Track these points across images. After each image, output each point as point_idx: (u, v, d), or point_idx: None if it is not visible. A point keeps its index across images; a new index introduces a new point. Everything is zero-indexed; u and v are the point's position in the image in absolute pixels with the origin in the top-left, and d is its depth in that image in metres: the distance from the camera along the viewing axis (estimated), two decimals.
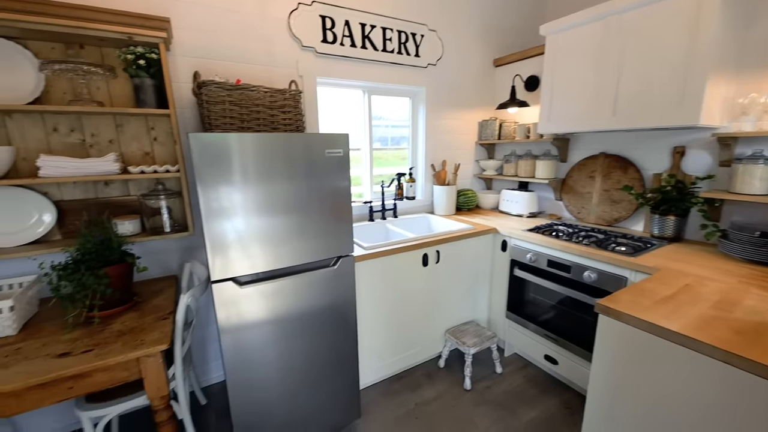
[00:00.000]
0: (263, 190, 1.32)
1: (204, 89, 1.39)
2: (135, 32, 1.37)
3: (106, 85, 1.56)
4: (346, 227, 1.54)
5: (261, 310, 1.40)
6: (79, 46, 1.48)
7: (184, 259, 1.90)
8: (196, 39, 1.71)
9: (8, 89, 1.39)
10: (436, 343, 2.23)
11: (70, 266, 1.33)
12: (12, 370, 1.10)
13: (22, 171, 1.47)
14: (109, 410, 1.37)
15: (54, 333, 1.30)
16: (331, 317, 1.58)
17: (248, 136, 1.26)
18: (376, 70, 2.26)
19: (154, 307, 1.50)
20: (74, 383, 1.15)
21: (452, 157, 2.78)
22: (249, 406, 1.45)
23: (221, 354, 2.01)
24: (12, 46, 1.38)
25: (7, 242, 1.47)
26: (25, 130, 1.47)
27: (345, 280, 1.59)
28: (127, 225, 1.61)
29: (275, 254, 1.39)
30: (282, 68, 1.94)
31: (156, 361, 1.26)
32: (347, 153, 1.46)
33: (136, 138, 1.66)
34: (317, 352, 1.58)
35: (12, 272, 1.54)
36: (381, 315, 1.93)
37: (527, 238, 2.05)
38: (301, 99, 1.62)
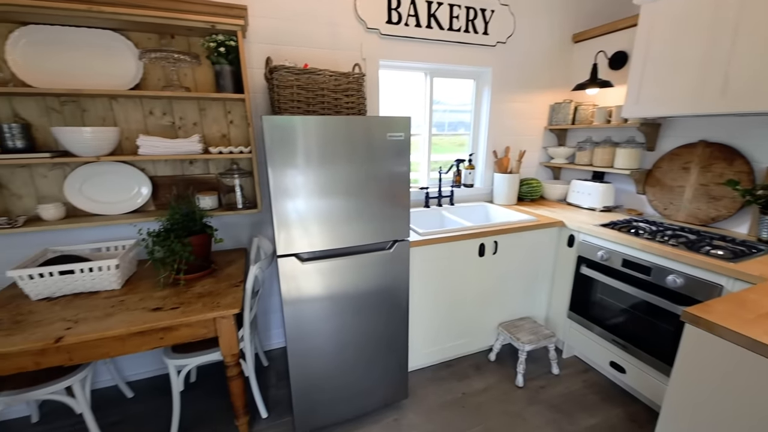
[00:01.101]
0: (326, 172, 1.36)
1: (275, 74, 1.46)
2: (217, 21, 1.48)
3: (192, 72, 1.72)
4: (403, 212, 1.54)
5: (319, 286, 1.48)
6: (171, 36, 1.65)
7: (252, 233, 2.07)
8: (268, 26, 1.79)
9: (115, 76, 1.59)
10: (487, 336, 2.17)
11: (162, 234, 1.53)
12: (117, 318, 1.30)
13: (125, 149, 1.70)
14: (190, 361, 1.57)
15: (149, 290, 1.52)
16: (384, 299, 1.62)
17: (315, 119, 1.30)
18: (440, 51, 2.18)
19: (228, 275, 1.67)
20: (164, 334, 1.34)
21: (517, 144, 2.61)
22: (306, 372, 1.56)
23: (283, 323, 2.18)
24: (118, 38, 1.58)
25: (113, 210, 1.72)
26: (128, 113, 1.69)
27: (399, 264, 1.60)
28: (207, 200, 1.79)
29: (334, 234, 1.45)
30: (346, 51, 1.96)
31: (229, 322, 1.41)
32: (408, 137, 1.44)
33: (216, 121, 1.82)
34: (369, 330, 1.63)
35: (116, 236, 1.81)
36: (432, 302, 1.92)
37: (600, 234, 1.86)
38: (363, 82, 1.62)
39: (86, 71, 1.55)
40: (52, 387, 1.39)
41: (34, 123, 1.57)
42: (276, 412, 1.81)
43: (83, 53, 1.54)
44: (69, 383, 1.43)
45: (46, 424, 1.74)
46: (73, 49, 1.52)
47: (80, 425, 1.62)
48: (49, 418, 1.77)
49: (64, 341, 1.18)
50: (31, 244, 1.69)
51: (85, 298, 1.45)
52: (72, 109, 1.61)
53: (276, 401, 1.88)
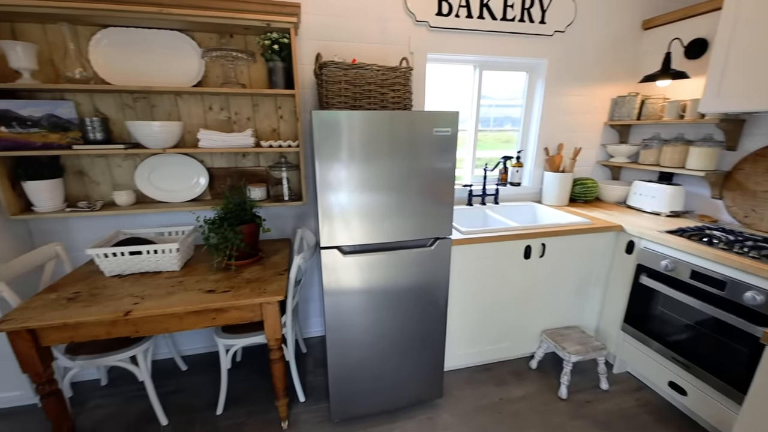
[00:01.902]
0: (370, 167, 1.37)
1: (324, 69, 1.48)
2: (272, 19, 1.53)
3: (248, 69, 1.80)
4: (446, 210, 1.51)
5: (359, 279, 1.50)
6: (230, 36, 1.74)
7: (296, 225, 2.15)
8: (319, 22, 1.83)
9: (180, 74, 1.72)
10: (528, 342, 2.08)
11: (216, 221, 1.63)
12: (176, 297, 1.42)
13: (187, 142, 1.83)
14: (237, 341, 1.67)
15: (204, 273, 1.63)
16: (422, 296, 1.60)
17: (361, 114, 1.31)
18: (491, 42, 2.09)
19: (273, 263, 1.75)
20: (216, 315, 1.43)
21: (571, 140, 2.44)
22: (343, 362, 1.60)
23: (323, 312, 2.24)
24: (184, 38, 1.69)
25: (175, 198, 1.87)
26: (190, 108, 1.82)
27: (440, 262, 1.57)
28: (257, 191, 1.88)
29: (376, 229, 1.45)
30: (394, 45, 1.94)
31: (274, 308, 1.47)
32: (455, 132, 1.40)
33: (267, 116, 1.90)
34: (406, 325, 1.63)
35: (177, 222, 1.97)
36: (472, 302, 1.87)
37: (665, 241, 1.69)
38: (410, 77, 1.60)
39: (156, 70, 1.69)
40: (119, 355, 1.56)
41: (111, 117, 1.74)
42: (313, 397, 1.88)
43: (154, 53, 1.67)
44: (134, 353, 1.59)
45: (113, 388, 1.95)
46: (146, 50, 1.66)
47: (141, 392, 1.80)
48: (116, 383, 1.99)
49: (131, 315, 1.30)
50: (106, 226, 1.89)
51: (150, 277, 1.59)
52: (143, 105, 1.76)
53: (313, 387, 1.95)
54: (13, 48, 1.46)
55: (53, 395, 1.41)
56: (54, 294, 1.44)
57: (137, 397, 1.87)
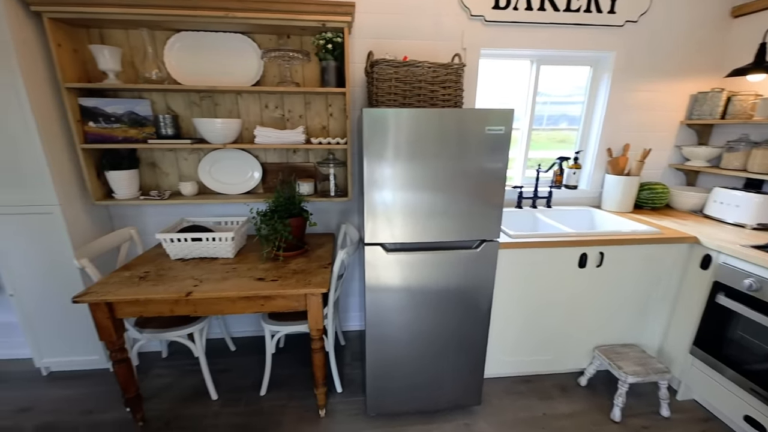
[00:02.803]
0: (418, 165, 1.35)
1: (375, 67, 1.49)
2: (328, 19, 1.57)
3: (302, 69, 1.87)
4: (494, 212, 1.45)
5: (402, 277, 1.49)
6: (287, 36, 1.81)
7: (340, 220, 2.20)
8: (372, 20, 1.84)
9: (241, 74, 1.82)
10: (578, 357, 1.94)
11: (268, 214, 1.72)
12: (230, 282, 1.51)
13: (244, 138, 1.95)
14: (282, 328, 1.75)
15: (254, 262, 1.73)
16: (465, 298, 1.56)
17: (411, 111, 1.30)
18: (552, 35, 1.96)
19: (318, 256, 1.80)
20: (265, 302, 1.51)
21: (640, 141, 2.22)
22: (381, 358, 1.61)
23: (362, 307, 2.28)
24: (245, 40, 1.80)
25: (231, 190, 2.00)
26: (248, 106, 1.93)
27: (486, 266, 1.52)
28: (305, 186, 1.95)
29: (421, 228, 1.44)
30: (447, 42, 1.90)
31: (317, 299, 1.52)
32: (509, 131, 1.34)
33: (318, 114, 1.96)
34: (447, 327, 1.59)
35: (232, 212, 2.10)
36: (518, 310, 1.79)
37: (751, 257, 1.48)
38: (462, 73, 1.55)
39: (220, 70, 1.81)
40: (179, 331, 1.70)
41: (180, 114, 1.90)
42: (350, 389, 1.92)
43: (219, 55, 1.79)
44: (191, 331, 1.73)
45: (172, 360, 2.15)
46: (212, 52, 1.79)
47: (196, 367, 1.96)
48: (175, 356, 2.18)
49: (192, 296, 1.42)
50: (172, 213, 2.07)
51: (207, 262, 1.72)
52: (208, 103, 1.90)
53: (350, 380, 1.99)
54: (101, 52, 1.64)
55: (123, 362, 1.58)
56: (128, 272, 1.61)
57: (192, 371, 2.03)
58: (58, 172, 1.71)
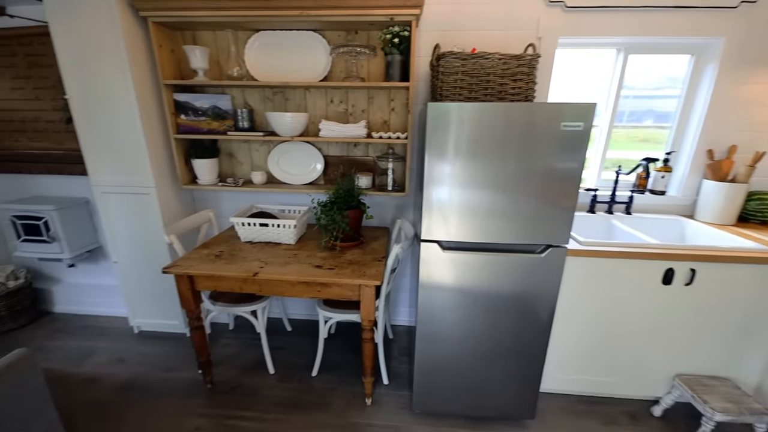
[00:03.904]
0: (486, 162, 1.30)
1: (442, 61, 1.45)
2: (396, 12, 1.57)
3: (367, 63, 1.90)
4: (564, 215, 1.33)
5: (457, 277, 1.46)
6: (355, 32, 1.85)
7: (396, 215, 2.21)
8: (440, 12, 1.79)
9: (310, 70, 1.91)
10: (652, 384, 1.72)
11: (327, 205, 1.79)
12: (291, 267, 1.61)
13: (310, 131, 2.04)
14: (335, 315, 1.82)
15: (313, 250, 1.81)
16: (524, 305, 1.47)
17: (483, 106, 1.24)
18: (644, 20, 1.73)
19: (373, 249, 1.83)
20: (321, 288, 1.58)
21: (751, 142, 1.87)
22: (430, 356, 1.59)
23: (412, 303, 2.28)
24: (316, 36, 1.87)
25: (295, 181, 2.11)
26: (315, 101, 2.02)
27: (551, 272, 1.41)
28: (364, 180, 1.99)
29: (480, 228, 1.38)
30: (519, 31, 1.78)
31: (371, 291, 1.55)
32: (589, 128, 1.22)
33: (380, 108, 1.97)
34: (502, 333, 1.52)
35: (295, 201, 2.23)
36: (584, 324, 1.64)
37: None
38: (536, 65, 1.45)
39: (291, 67, 1.91)
40: (245, 307, 1.86)
41: (255, 108, 2.05)
42: (396, 383, 1.93)
43: (291, 52, 1.89)
44: (255, 308, 1.88)
45: (237, 333, 2.36)
46: (285, 50, 1.89)
47: (257, 341, 2.12)
48: (239, 329, 2.39)
49: (258, 276, 1.54)
50: (244, 200, 2.26)
51: (272, 247, 1.85)
52: (279, 98, 2.03)
53: (396, 373, 2.00)
54: (193, 52, 1.83)
55: (199, 329, 1.77)
56: (206, 250, 1.80)
57: (253, 345, 2.21)
58: (155, 158, 1.96)
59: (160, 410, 1.74)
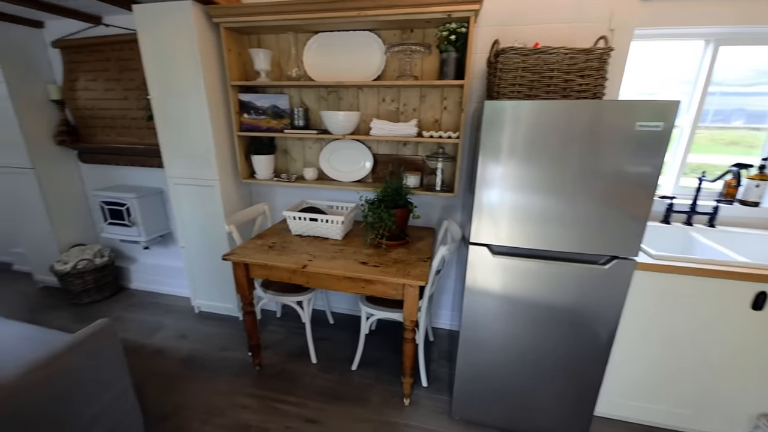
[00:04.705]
0: (545, 163, 1.22)
1: (501, 57, 1.39)
2: (455, 9, 1.53)
3: (421, 62, 1.88)
4: (635, 225, 1.21)
5: (506, 283, 1.39)
6: (410, 30, 1.84)
7: (442, 216, 2.16)
8: (500, 6, 1.72)
9: (363, 69, 1.93)
10: (728, 420, 1.50)
11: (375, 202, 1.80)
12: (337, 262, 1.64)
13: (361, 130, 2.07)
14: (377, 313, 1.83)
15: (359, 246, 1.84)
16: (581, 320, 1.36)
17: (542, 104, 1.17)
18: (742, 6, 1.51)
19: (418, 249, 1.81)
20: (365, 285, 1.60)
21: None
22: (472, 363, 1.54)
23: (455, 307, 2.22)
24: (371, 36, 1.89)
25: (344, 178, 2.16)
26: (367, 100, 2.04)
27: (615, 286, 1.29)
28: (412, 179, 1.97)
29: (536, 233, 1.30)
30: (588, 23, 1.65)
31: (414, 291, 1.53)
32: (670, 129, 1.09)
33: (432, 107, 1.95)
34: (554, 348, 1.42)
35: (343, 198, 2.27)
36: (650, 346, 1.48)
37: None
38: (608, 59, 1.33)
39: (345, 67, 1.95)
40: (293, 297, 1.94)
41: (310, 107, 2.13)
42: (435, 386, 1.90)
43: (346, 52, 1.93)
44: (301, 299, 1.96)
45: (284, 321, 2.47)
46: (341, 50, 1.94)
47: (301, 331, 2.21)
48: (286, 318, 2.51)
49: (307, 269, 1.59)
50: (295, 195, 2.36)
51: (320, 241, 1.91)
52: (333, 98, 2.08)
53: (435, 377, 1.97)
54: (257, 54, 1.95)
55: (251, 314, 1.89)
56: (260, 241, 1.90)
57: (298, 334, 2.31)
58: (220, 154, 2.11)
59: (215, 386, 1.88)
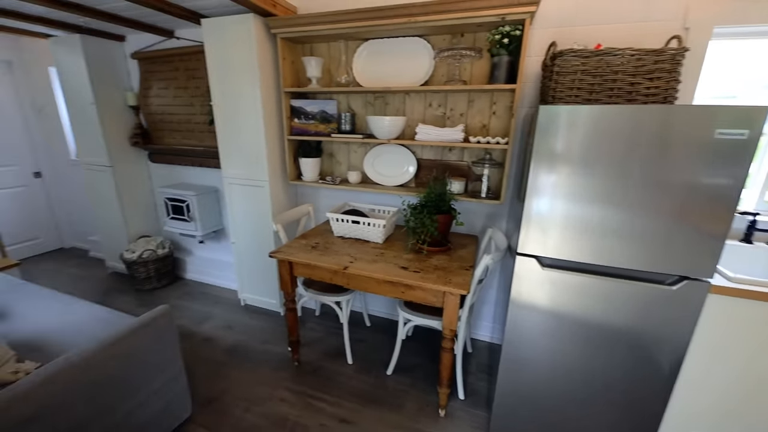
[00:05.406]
0: (605, 173, 1.14)
1: (558, 60, 1.33)
2: (509, 12, 1.49)
3: (470, 66, 1.85)
4: (710, 243, 1.09)
5: (556, 298, 1.31)
6: (461, 35, 1.82)
7: (486, 224, 2.10)
8: (558, 7, 1.64)
9: (411, 75, 1.94)
10: None
11: (417, 207, 1.79)
12: (376, 265, 1.65)
13: (406, 135, 2.07)
14: (416, 319, 1.80)
15: (399, 251, 1.83)
16: (642, 344, 1.24)
17: (606, 109, 1.11)
18: None
19: (460, 257, 1.77)
20: (405, 290, 1.59)
21: None
22: (514, 379, 1.47)
23: (497, 318, 2.14)
24: (420, 42, 1.89)
25: (387, 182, 2.17)
26: (414, 105, 2.04)
27: (684, 310, 1.17)
28: (456, 185, 1.94)
29: (592, 247, 1.22)
30: (657, 22, 1.52)
31: (455, 300, 1.50)
32: (757, 137, 0.97)
33: (480, 111, 1.90)
34: (607, 372, 1.31)
35: (385, 202, 2.29)
36: (724, 380, 1.30)
37: None
38: (681, 60, 1.21)
39: (393, 73, 1.97)
40: (332, 298, 1.98)
41: (357, 112, 2.18)
42: (472, 399, 1.84)
43: (395, 58, 1.96)
44: (340, 299, 1.99)
45: (322, 320, 2.53)
46: (389, 56, 1.97)
47: (338, 331, 2.25)
48: (324, 317, 2.57)
49: (348, 270, 1.62)
50: (338, 197, 2.42)
51: (361, 244, 1.93)
52: (380, 103, 2.11)
53: (473, 390, 1.90)
54: (310, 62, 2.03)
55: (292, 311, 1.95)
56: (304, 241, 1.97)
57: (335, 333, 2.35)
58: (271, 156, 2.23)
59: (256, 376, 1.97)
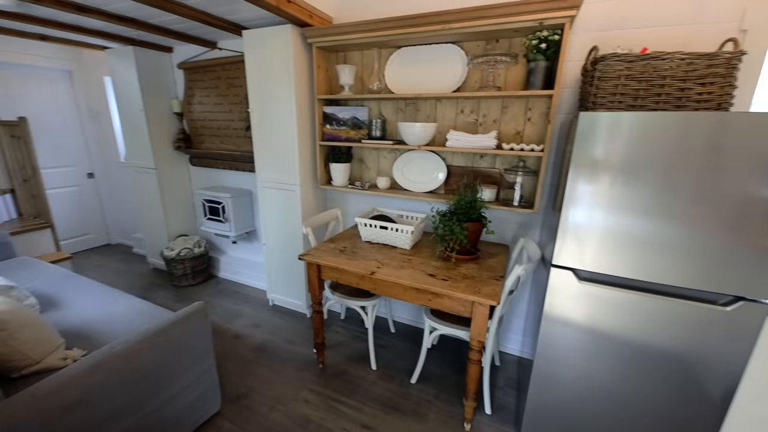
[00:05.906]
0: (650, 183, 1.08)
1: (599, 65, 1.27)
2: (548, 16, 1.45)
3: (505, 72, 1.82)
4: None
5: (593, 314, 1.25)
6: (495, 41, 1.80)
7: (518, 233, 2.04)
8: (601, 10, 1.59)
9: (443, 81, 1.94)
10: None
11: (447, 214, 1.77)
12: (404, 271, 1.64)
13: (436, 141, 2.07)
14: (441, 328, 1.77)
15: (427, 257, 1.82)
16: (689, 368, 1.15)
17: (653, 116, 1.05)
18: None
19: (489, 266, 1.73)
20: (432, 297, 1.57)
21: None
22: (546, 398, 1.40)
23: (527, 332, 2.06)
24: (453, 48, 1.89)
25: (416, 188, 2.16)
26: (445, 111, 2.03)
27: (738, 333, 1.07)
28: (487, 192, 1.90)
29: (634, 261, 1.15)
30: (710, 25, 1.43)
31: (484, 310, 1.46)
32: None
33: (514, 118, 1.86)
34: (647, 396, 1.23)
35: (414, 208, 2.28)
36: None
37: None
38: (738, 64, 1.13)
39: (425, 79, 1.98)
40: (358, 302, 1.99)
41: (388, 119, 2.20)
42: (499, 415, 1.77)
43: (426, 65, 1.96)
44: (366, 304, 2.00)
45: (347, 323, 2.54)
46: (421, 63, 1.98)
47: (363, 335, 2.25)
48: (349, 321, 2.58)
49: (375, 275, 1.63)
50: (367, 202, 2.44)
51: (388, 249, 1.93)
52: (411, 109, 2.12)
53: (500, 405, 1.84)
54: (343, 70, 2.08)
55: (319, 313, 1.98)
56: (332, 244, 2.00)
57: (359, 338, 2.36)
58: (303, 161, 2.29)
59: (282, 376, 2.01)
